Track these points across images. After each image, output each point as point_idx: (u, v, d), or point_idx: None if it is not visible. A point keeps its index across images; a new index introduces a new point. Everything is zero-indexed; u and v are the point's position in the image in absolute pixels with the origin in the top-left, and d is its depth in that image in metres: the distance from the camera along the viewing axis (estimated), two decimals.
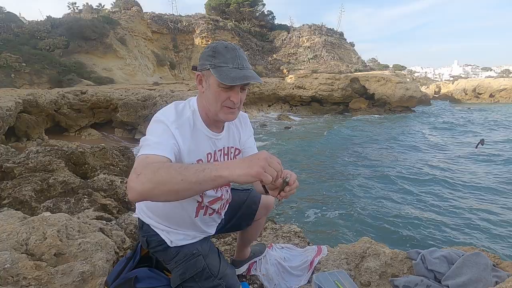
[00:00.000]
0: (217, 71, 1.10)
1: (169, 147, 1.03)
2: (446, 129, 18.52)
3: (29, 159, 2.90)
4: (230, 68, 1.10)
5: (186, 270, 1.25)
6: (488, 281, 1.49)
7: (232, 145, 1.34)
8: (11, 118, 10.11)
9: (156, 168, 0.88)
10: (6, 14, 22.57)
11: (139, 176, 0.87)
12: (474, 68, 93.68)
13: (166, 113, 1.15)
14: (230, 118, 1.20)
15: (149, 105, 14.18)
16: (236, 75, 1.08)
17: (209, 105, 1.18)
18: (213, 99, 1.15)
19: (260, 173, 0.85)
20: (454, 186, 8.05)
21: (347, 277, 1.62)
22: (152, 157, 0.96)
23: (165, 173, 0.86)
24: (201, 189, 0.90)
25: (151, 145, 1.00)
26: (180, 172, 0.87)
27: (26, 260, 1.38)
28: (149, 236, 1.32)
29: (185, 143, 1.13)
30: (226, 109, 1.16)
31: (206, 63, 1.13)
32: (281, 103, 25.58)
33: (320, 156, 11.67)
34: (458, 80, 46.70)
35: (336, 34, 40.92)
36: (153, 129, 1.09)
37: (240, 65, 1.11)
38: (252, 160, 0.88)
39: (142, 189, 0.86)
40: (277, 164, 0.90)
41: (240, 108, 1.21)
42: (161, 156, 0.98)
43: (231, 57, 1.11)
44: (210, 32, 32.81)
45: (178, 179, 0.86)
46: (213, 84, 1.13)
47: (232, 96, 1.13)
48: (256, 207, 1.57)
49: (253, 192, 1.62)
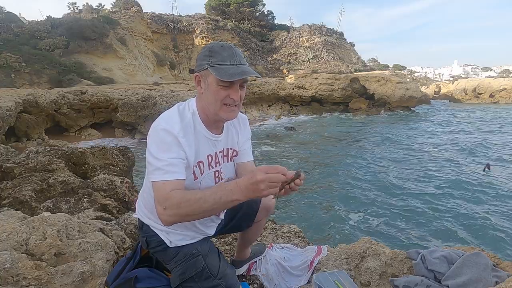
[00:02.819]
0: (216, 69, 1.10)
1: (181, 166, 1.11)
2: (446, 129, 18.52)
3: (29, 159, 2.90)
4: (228, 65, 1.11)
5: (185, 270, 1.25)
6: (488, 281, 1.49)
7: (231, 147, 1.34)
8: (11, 118, 10.11)
9: (178, 202, 1.01)
10: (6, 14, 22.57)
11: (165, 210, 1.02)
12: (474, 68, 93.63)
13: (171, 121, 1.14)
14: (231, 117, 1.20)
15: (149, 105, 14.18)
16: (234, 71, 1.10)
17: (209, 105, 1.17)
18: (212, 98, 1.15)
19: (269, 193, 0.98)
20: (454, 186, 8.05)
21: (347, 277, 1.62)
22: (169, 184, 1.06)
23: (187, 208, 1.01)
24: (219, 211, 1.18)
25: (164, 169, 1.07)
26: (200, 205, 1.01)
27: (26, 260, 1.38)
28: (148, 237, 1.32)
29: (191, 149, 1.15)
30: (226, 108, 1.16)
31: (204, 63, 1.14)
32: (281, 103, 25.56)
33: (320, 156, 11.67)
34: (458, 80, 46.66)
35: (336, 34, 40.92)
36: (160, 142, 1.10)
37: (237, 62, 1.12)
38: (255, 185, 0.96)
39: (172, 221, 1.06)
40: (278, 176, 0.97)
41: (240, 107, 1.21)
42: (176, 180, 1.07)
43: (228, 55, 1.12)
44: (210, 32, 32.80)
45: (200, 211, 1.03)
46: (212, 83, 1.13)
47: (232, 93, 1.14)
48: (256, 208, 1.56)
49: None
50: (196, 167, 1.19)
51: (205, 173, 1.24)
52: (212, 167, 1.27)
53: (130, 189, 2.85)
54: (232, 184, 1.02)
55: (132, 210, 2.60)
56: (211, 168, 1.26)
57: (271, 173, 0.97)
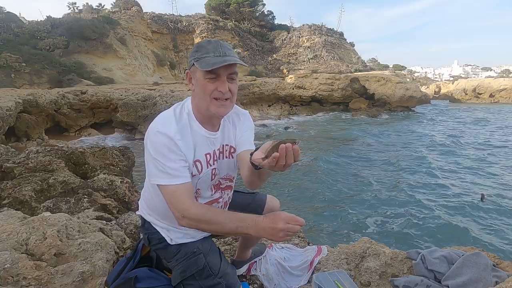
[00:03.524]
0: (199, 62, 1.11)
1: (185, 168, 1.14)
2: (447, 129, 18.52)
3: (29, 159, 2.90)
4: (211, 56, 1.10)
5: (186, 268, 1.25)
6: (488, 281, 1.49)
7: (227, 143, 1.33)
8: (11, 118, 10.11)
9: (198, 218, 1.09)
10: (6, 14, 22.56)
11: (184, 218, 1.10)
12: (474, 68, 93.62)
13: (167, 124, 1.15)
14: (221, 112, 1.17)
15: (149, 105, 14.17)
16: (216, 61, 1.09)
17: (200, 101, 1.17)
18: (201, 93, 1.15)
19: (284, 240, 1.05)
20: (454, 186, 8.05)
21: (347, 277, 1.62)
22: (180, 190, 1.11)
23: (205, 226, 1.10)
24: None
25: (171, 173, 1.11)
26: (217, 228, 1.09)
27: (26, 260, 1.38)
28: (150, 234, 1.33)
29: (189, 150, 1.16)
30: (216, 102, 1.15)
31: (191, 60, 1.15)
32: (281, 103, 25.54)
33: (320, 155, 11.66)
34: (458, 80, 46.70)
35: (336, 34, 40.92)
36: (160, 145, 1.11)
37: (221, 53, 1.11)
38: (274, 231, 1.01)
39: (188, 227, 1.15)
40: (297, 227, 1.02)
41: (232, 101, 1.19)
42: (185, 184, 1.13)
43: (212, 48, 1.12)
44: (210, 32, 32.79)
45: (215, 231, 1.15)
46: (199, 78, 1.14)
47: (219, 86, 1.12)
48: (260, 211, 1.54)
49: (258, 196, 1.61)
50: (193, 166, 1.20)
51: (204, 171, 1.24)
52: (210, 165, 1.26)
53: (130, 189, 2.85)
54: (250, 219, 1.06)
55: (132, 210, 2.60)
56: (209, 166, 1.26)
57: (292, 224, 1.01)
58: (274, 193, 1.98)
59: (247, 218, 1.06)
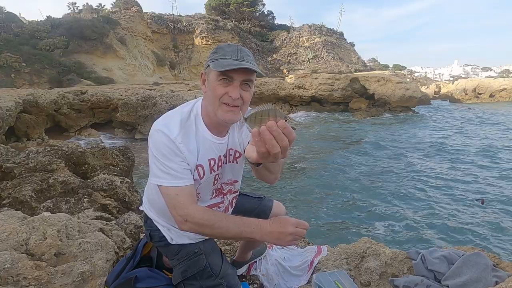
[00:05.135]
0: (215, 63, 1.06)
1: (187, 171, 1.13)
2: (447, 129, 18.52)
3: (29, 159, 2.89)
4: (227, 59, 1.06)
5: (188, 268, 1.25)
6: (488, 281, 1.49)
7: (232, 147, 1.29)
8: (11, 118, 10.11)
9: (200, 223, 1.07)
10: (6, 14, 22.53)
11: (186, 222, 1.08)
12: (474, 68, 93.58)
13: (170, 124, 1.11)
14: (229, 118, 1.10)
15: (149, 105, 14.15)
16: (230, 63, 1.04)
17: (209, 104, 1.13)
18: (212, 95, 1.10)
19: (291, 244, 1.11)
20: (454, 186, 8.05)
21: (347, 277, 1.62)
22: (182, 192, 1.09)
23: (208, 230, 1.09)
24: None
25: (172, 174, 1.09)
26: (221, 233, 1.09)
27: (26, 260, 1.38)
28: (152, 231, 1.34)
29: (191, 154, 1.13)
30: (225, 107, 1.09)
31: (208, 60, 1.11)
32: (281, 103, 25.53)
33: (320, 155, 11.66)
34: (458, 80, 46.64)
35: (336, 34, 40.86)
36: (160, 145, 1.09)
37: (239, 57, 1.06)
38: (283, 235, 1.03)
39: (189, 231, 1.13)
40: (304, 232, 1.06)
41: (243, 110, 1.11)
42: (187, 186, 1.11)
43: (231, 50, 1.08)
44: (210, 32, 32.75)
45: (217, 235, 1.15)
46: (212, 79, 1.09)
47: (231, 91, 1.07)
48: (266, 216, 1.52)
49: (264, 201, 1.60)
50: (195, 171, 1.17)
51: (206, 177, 1.21)
52: (214, 171, 1.23)
53: (130, 189, 2.85)
54: (254, 224, 1.06)
55: (132, 210, 2.60)
56: (212, 172, 1.22)
57: (300, 228, 1.05)
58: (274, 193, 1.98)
59: (252, 222, 1.06)
